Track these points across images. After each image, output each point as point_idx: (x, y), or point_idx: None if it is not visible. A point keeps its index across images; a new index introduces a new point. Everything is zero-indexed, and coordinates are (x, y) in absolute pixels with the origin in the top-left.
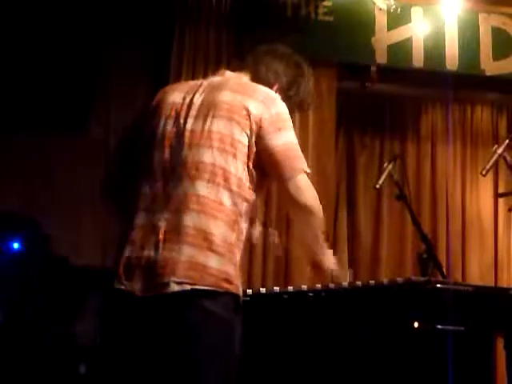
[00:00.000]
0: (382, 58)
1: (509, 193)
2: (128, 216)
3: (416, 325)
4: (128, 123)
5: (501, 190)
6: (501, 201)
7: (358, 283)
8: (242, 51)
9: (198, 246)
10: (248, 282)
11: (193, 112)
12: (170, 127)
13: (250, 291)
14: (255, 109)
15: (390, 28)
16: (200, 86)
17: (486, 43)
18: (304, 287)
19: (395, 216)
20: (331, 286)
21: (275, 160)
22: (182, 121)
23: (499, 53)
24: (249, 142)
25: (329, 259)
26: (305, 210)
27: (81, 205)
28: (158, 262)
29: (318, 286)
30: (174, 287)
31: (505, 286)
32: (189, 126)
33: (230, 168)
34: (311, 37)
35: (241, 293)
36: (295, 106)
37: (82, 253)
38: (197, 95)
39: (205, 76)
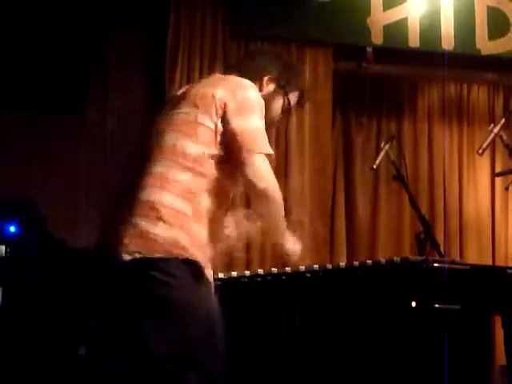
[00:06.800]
0: (377, 38)
1: (506, 172)
2: None
3: (413, 304)
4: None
5: (498, 169)
6: (498, 180)
7: (356, 263)
8: (238, 33)
9: (145, 216)
10: (246, 264)
11: (170, 105)
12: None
13: (247, 273)
14: (221, 94)
15: (385, 8)
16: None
17: (481, 23)
18: (302, 267)
19: (393, 196)
20: (328, 266)
21: (234, 142)
22: (165, 113)
23: (495, 32)
24: (215, 124)
25: (290, 246)
26: (262, 195)
27: (78, 187)
28: (118, 236)
29: (316, 266)
30: (127, 257)
31: (502, 265)
32: (164, 116)
33: (188, 147)
34: (307, 18)
35: (200, 260)
36: (294, 100)
37: (79, 235)
38: (179, 91)
39: (201, 57)
